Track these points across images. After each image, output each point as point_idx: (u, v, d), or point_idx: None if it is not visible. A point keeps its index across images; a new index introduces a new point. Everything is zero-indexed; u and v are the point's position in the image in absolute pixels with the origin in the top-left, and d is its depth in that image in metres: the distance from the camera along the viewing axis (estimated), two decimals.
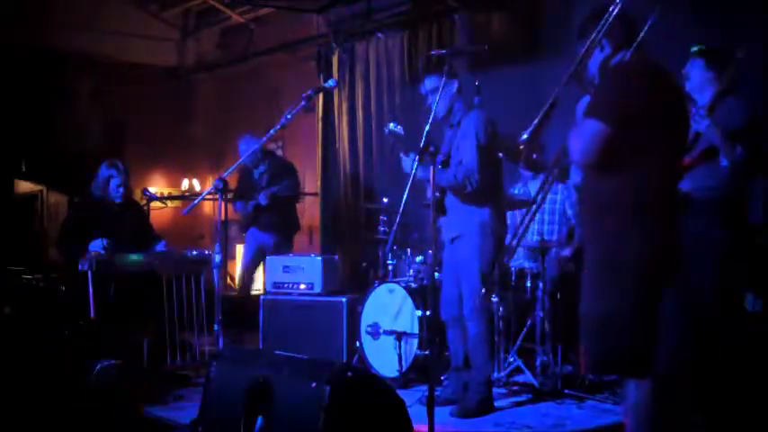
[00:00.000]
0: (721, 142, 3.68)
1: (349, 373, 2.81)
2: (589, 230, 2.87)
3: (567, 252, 5.28)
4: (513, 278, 5.05)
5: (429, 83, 4.39)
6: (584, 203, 2.96)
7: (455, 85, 4.39)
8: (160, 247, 5.34)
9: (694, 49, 3.93)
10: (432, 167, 3.63)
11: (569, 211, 5.35)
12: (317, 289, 5.70)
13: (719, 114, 3.82)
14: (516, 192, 5.51)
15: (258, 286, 7.06)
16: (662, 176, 2.79)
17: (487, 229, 4.30)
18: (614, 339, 2.72)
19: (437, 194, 3.65)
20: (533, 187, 5.41)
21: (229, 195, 6.00)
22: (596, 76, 2.93)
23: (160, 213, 7.52)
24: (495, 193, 4.40)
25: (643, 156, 2.72)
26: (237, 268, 7.91)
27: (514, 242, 5.42)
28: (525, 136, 2.83)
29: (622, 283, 2.71)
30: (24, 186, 9.41)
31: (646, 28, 3.01)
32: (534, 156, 2.92)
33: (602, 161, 2.71)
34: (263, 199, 6.40)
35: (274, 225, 6.54)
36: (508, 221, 5.53)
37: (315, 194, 8.51)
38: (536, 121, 2.80)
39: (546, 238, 5.25)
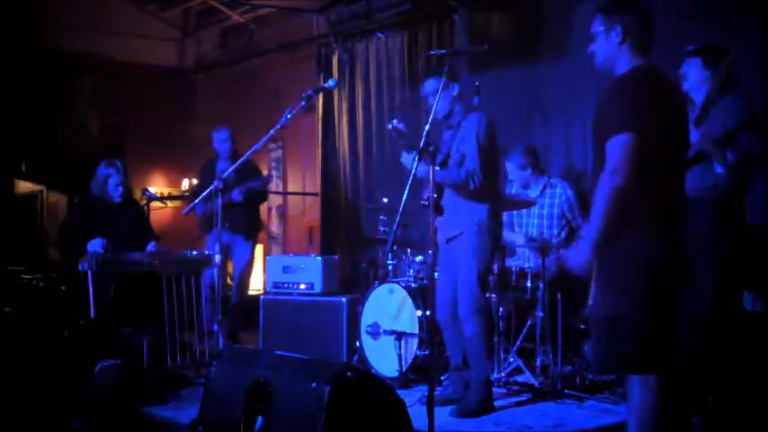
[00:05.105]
0: (713, 152, 3.68)
1: (349, 373, 2.81)
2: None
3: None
4: (513, 278, 5.04)
5: (429, 85, 4.41)
6: (601, 206, 2.93)
7: (456, 89, 4.39)
8: (150, 247, 5.30)
9: (691, 48, 3.93)
10: (431, 166, 3.63)
11: (568, 215, 5.34)
12: (317, 289, 5.70)
13: (715, 115, 3.81)
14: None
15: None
16: (677, 179, 2.88)
17: (485, 228, 4.31)
18: (632, 338, 2.73)
19: (434, 195, 3.64)
20: (532, 193, 5.42)
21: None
22: (602, 63, 2.92)
23: (160, 213, 7.52)
24: (493, 194, 4.41)
25: (665, 161, 2.79)
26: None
27: (516, 243, 5.45)
28: None
29: (643, 283, 2.73)
30: (24, 186, 9.40)
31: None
32: None
33: (635, 169, 2.72)
34: (236, 195, 6.22)
35: (240, 225, 6.41)
36: (505, 219, 5.55)
37: (315, 194, 8.51)
38: None
39: (546, 238, 5.24)
